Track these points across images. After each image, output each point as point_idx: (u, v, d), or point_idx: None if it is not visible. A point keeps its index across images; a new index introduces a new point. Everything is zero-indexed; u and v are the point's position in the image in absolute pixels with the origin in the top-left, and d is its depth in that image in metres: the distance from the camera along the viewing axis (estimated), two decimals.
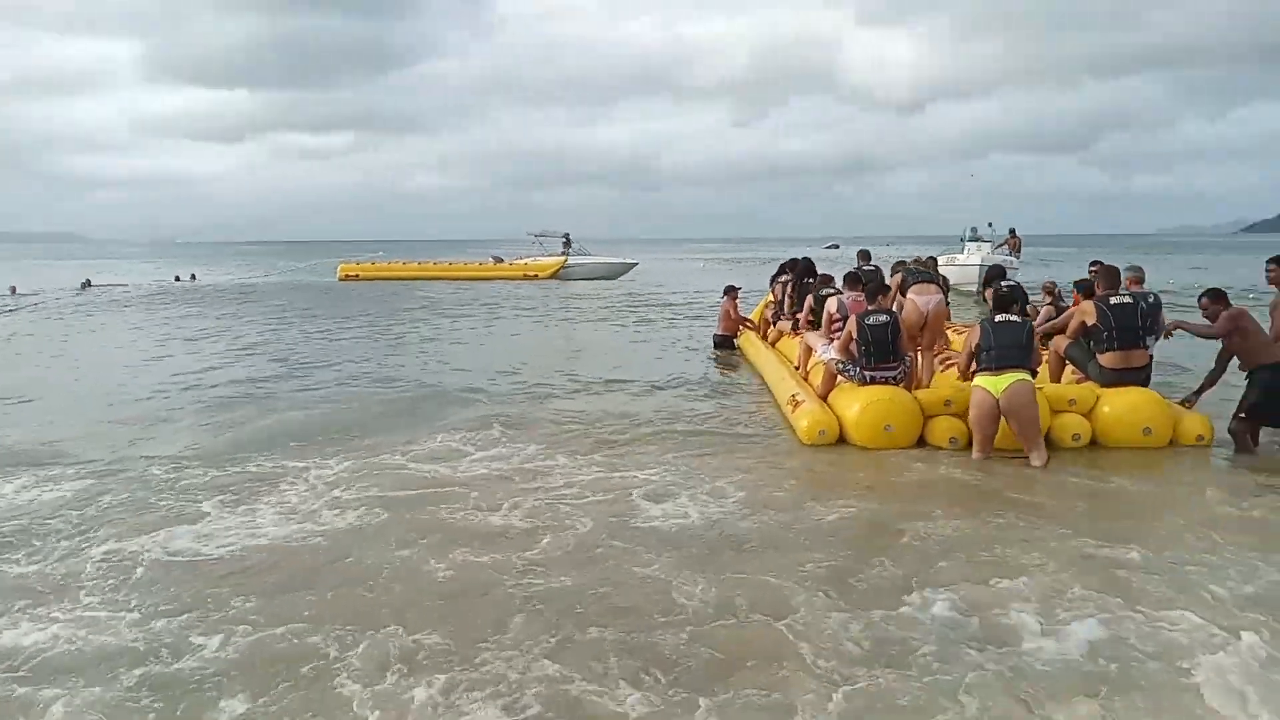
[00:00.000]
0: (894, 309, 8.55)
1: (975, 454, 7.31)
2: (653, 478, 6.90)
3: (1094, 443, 7.62)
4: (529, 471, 7.13)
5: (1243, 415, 7.42)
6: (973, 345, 7.46)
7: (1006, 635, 4.16)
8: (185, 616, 4.45)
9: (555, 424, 8.89)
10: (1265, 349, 7.44)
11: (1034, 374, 7.32)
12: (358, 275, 39.58)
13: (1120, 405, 7.60)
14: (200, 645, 4.16)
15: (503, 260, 40.88)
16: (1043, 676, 3.79)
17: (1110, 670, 3.82)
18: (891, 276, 9.78)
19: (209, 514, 6.07)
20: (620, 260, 40.76)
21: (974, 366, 7.48)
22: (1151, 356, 7.94)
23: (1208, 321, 7.72)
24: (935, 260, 11.18)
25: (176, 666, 3.97)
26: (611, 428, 8.69)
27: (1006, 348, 7.14)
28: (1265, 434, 7.68)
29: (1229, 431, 7.52)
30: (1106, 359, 7.73)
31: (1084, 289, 8.93)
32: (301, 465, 7.30)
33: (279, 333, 18.07)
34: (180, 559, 5.28)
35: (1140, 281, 8.57)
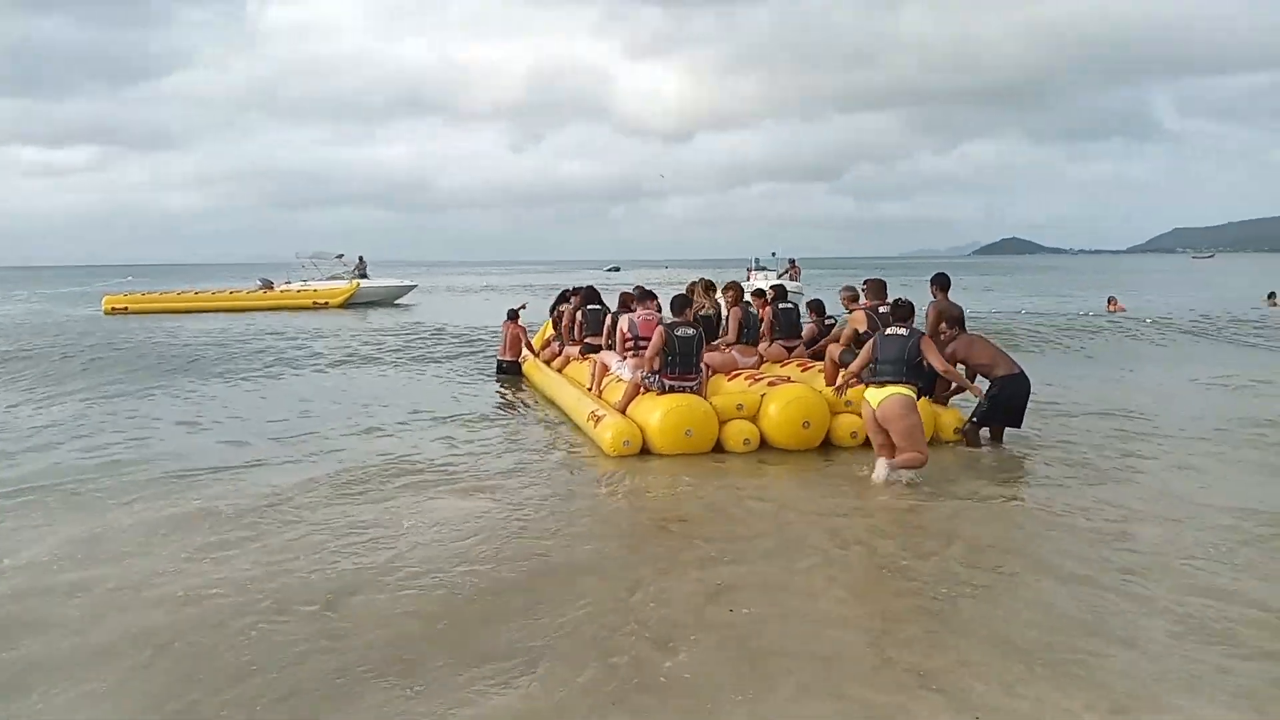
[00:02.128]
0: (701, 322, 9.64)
1: (877, 472, 7.22)
2: (408, 526, 6.25)
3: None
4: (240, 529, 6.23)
5: (973, 420, 8.56)
6: (865, 359, 7.49)
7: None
8: None
9: (296, 472, 7.91)
10: (994, 365, 8.61)
11: (921, 388, 7.40)
12: (126, 308, 34.40)
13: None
14: None
15: (272, 284, 37.70)
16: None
17: None
18: (725, 292, 11.37)
19: None
20: (402, 284, 40.06)
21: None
22: None
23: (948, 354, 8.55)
24: (713, 284, 11.78)
25: None
26: (364, 468, 7.95)
27: (888, 362, 7.27)
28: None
29: (960, 432, 8.58)
30: None
31: (813, 306, 11.26)
32: None
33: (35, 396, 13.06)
34: None
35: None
